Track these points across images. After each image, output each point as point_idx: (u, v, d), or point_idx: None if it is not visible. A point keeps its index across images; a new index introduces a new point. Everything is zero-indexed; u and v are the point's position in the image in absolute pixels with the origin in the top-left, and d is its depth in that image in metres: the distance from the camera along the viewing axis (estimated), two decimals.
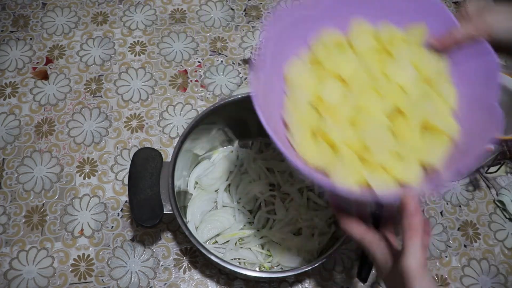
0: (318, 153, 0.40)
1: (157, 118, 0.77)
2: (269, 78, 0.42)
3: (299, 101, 0.43)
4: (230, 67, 0.83)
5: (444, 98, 0.43)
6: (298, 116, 0.42)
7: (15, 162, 0.72)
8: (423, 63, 0.44)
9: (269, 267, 0.63)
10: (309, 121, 0.42)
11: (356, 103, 0.42)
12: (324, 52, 0.45)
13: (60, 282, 0.63)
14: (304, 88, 0.43)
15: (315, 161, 0.39)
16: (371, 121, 0.41)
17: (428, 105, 0.42)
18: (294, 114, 0.42)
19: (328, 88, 0.42)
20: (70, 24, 0.86)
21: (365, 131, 0.40)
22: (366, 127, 0.40)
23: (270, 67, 0.43)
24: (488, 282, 0.67)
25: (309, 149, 0.40)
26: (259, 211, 0.66)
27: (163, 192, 0.56)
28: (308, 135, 0.41)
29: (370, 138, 0.39)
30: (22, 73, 0.80)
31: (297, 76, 0.44)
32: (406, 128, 0.41)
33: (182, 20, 0.88)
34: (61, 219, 0.68)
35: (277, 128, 0.40)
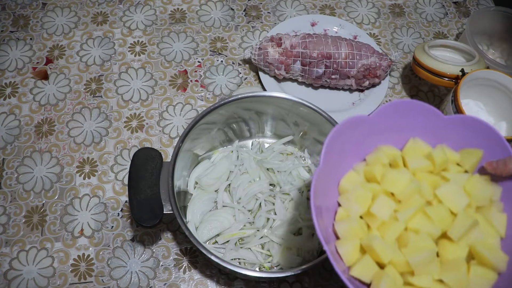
0: (364, 266, 0.41)
1: (157, 118, 0.77)
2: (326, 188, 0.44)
3: (351, 213, 0.45)
4: (230, 67, 0.83)
5: (494, 227, 0.44)
6: (349, 227, 0.43)
7: (15, 162, 0.72)
8: (476, 189, 0.45)
9: (269, 267, 0.63)
10: (359, 234, 0.43)
11: (406, 223, 0.44)
12: (379, 168, 0.46)
13: (60, 282, 0.63)
14: (357, 201, 0.45)
15: (358, 274, 0.41)
16: (419, 245, 0.42)
17: (477, 234, 0.43)
18: (346, 225, 0.44)
19: (380, 205, 0.44)
20: (70, 24, 0.86)
21: (412, 254, 0.41)
22: (413, 250, 0.42)
23: (328, 178, 0.45)
24: None
25: (355, 261, 0.42)
26: (259, 211, 0.66)
27: (163, 192, 0.56)
28: (357, 248, 0.43)
29: (416, 262, 0.41)
30: (22, 73, 0.80)
31: (352, 189, 0.46)
32: (452, 255, 0.42)
33: (182, 20, 0.88)
34: (61, 219, 0.68)
35: (327, 235, 0.42)
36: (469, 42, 0.76)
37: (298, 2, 0.92)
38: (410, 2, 0.95)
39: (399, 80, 0.85)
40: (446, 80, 0.73)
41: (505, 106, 0.69)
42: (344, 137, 0.46)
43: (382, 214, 0.44)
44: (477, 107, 0.72)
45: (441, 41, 0.78)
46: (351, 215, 0.45)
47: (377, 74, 0.77)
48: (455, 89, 0.66)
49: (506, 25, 0.81)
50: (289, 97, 0.63)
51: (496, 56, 0.84)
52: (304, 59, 0.75)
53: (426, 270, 0.41)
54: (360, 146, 0.48)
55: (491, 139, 0.47)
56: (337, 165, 0.46)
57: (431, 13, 0.94)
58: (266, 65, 0.77)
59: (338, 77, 0.77)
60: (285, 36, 0.77)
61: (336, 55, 0.75)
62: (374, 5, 0.94)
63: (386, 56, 0.78)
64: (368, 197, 0.45)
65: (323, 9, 0.92)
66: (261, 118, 0.70)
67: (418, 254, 0.41)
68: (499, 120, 0.71)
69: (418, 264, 0.41)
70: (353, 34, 0.86)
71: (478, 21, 0.80)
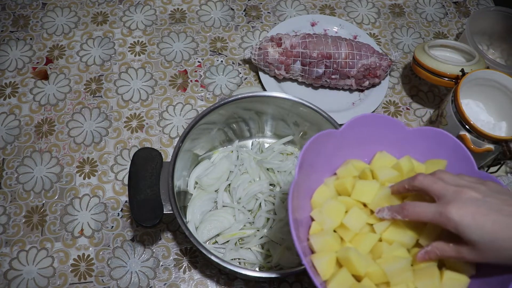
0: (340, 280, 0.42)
1: (157, 118, 0.77)
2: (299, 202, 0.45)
3: (325, 227, 0.45)
4: (230, 67, 0.83)
5: None
6: (323, 241, 0.44)
7: (15, 162, 0.72)
8: None
9: (269, 267, 0.63)
10: (333, 247, 0.44)
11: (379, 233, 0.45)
12: (350, 180, 0.48)
13: (60, 282, 0.63)
14: (329, 214, 0.46)
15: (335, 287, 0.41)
16: (393, 254, 0.43)
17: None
18: (320, 239, 0.44)
19: (353, 217, 0.45)
20: (70, 24, 0.86)
21: (387, 264, 0.42)
22: (388, 260, 0.42)
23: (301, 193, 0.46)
24: None
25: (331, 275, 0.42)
26: (259, 211, 0.66)
27: (163, 192, 0.56)
28: (333, 261, 0.43)
29: (392, 272, 0.41)
30: (22, 73, 0.80)
31: (324, 203, 0.47)
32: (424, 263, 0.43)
33: (182, 20, 0.88)
34: (61, 219, 0.68)
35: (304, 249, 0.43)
36: (469, 42, 0.76)
37: (298, 2, 0.92)
38: (410, 2, 0.95)
39: (399, 80, 0.85)
40: (446, 80, 0.73)
41: (505, 106, 0.69)
42: (315, 151, 0.46)
43: (355, 226, 0.45)
44: (477, 107, 0.72)
45: (441, 41, 0.78)
46: (325, 228, 0.45)
47: (377, 74, 0.77)
48: (455, 89, 0.66)
49: (506, 25, 0.81)
50: (289, 97, 0.63)
51: (496, 56, 0.84)
52: (304, 59, 0.75)
53: (401, 279, 0.41)
54: (330, 160, 0.50)
55: (455, 150, 0.49)
56: (309, 180, 0.47)
57: (431, 13, 0.94)
58: (266, 65, 0.77)
59: (338, 77, 0.77)
60: (285, 36, 0.77)
61: (336, 55, 0.75)
62: (374, 5, 0.94)
63: (386, 56, 0.78)
64: (340, 210, 0.46)
65: (323, 9, 0.92)
66: (261, 118, 0.70)
67: (394, 264, 0.42)
68: (499, 120, 0.71)
69: (394, 274, 0.41)
70: (353, 34, 0.86)
71: (478, 21, 0.80)
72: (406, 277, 0.41)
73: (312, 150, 0.46)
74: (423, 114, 0.81)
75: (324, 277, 0.42)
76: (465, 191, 0.39)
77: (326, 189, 0.48)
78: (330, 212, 0.45)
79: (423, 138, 0.50)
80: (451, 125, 0.66)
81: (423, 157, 0.50)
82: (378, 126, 0.50)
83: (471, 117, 0.64)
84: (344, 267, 0.42)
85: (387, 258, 0.43)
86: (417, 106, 0.82)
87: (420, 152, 0.50)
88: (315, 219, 0.46)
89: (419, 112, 0.82)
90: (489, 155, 0.68)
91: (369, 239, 0.44)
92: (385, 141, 0.50)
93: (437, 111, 0.72)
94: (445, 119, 0.68)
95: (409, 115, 0.81)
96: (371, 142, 0.51)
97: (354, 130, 0.49)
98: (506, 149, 0.63)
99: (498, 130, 0.69)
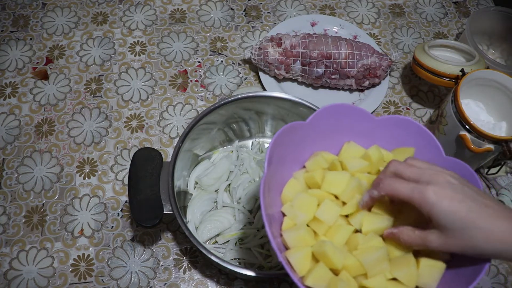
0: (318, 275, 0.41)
1: (157, 118, 0.77)
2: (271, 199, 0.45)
3: (297, 221, 0.45)
4: (230, 67, 0.83)
5: None
6: (297, 236, 0.43)
7: (15, 162, 0.72)
8: None
9: (269, 267, 0.63)
10: (308, 242, 0.43)
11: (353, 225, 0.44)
12: (319, 172, 0.47)
13: (60, 282, 0.63)
14: (301, 209, 0.45)
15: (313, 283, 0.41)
16: (369, 245, 0.43)
17: None
18: (293, 234, 0.43)
19: (325, 209, 0.44)
20: (70, 24, 0.86)
21: (364, 255, 0.42)
22: (365, 251, 0.42)
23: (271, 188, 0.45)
24: (488, 282, 0.67)
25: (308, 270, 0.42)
26: (259, 211, 0.66)
27: (163, 192, 0.56)
28: (308, 256, 0.42)
29: (369, 263, 0.41)
30: (22, 73, 0.80)
31: (294, 197, 0.46)
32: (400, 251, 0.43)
33: (182, 20, 0.88)
34: (61, 219, 0.68)
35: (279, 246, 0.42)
36: (469, 42, 0.76)
37: (298, 2, 0.92)
38: (410, 2, 0.95)
39: (399, 80, 0.85)
40: (446, 80, 0.73)
41: (505, 106, 0.69)
42: (284, 145, 0.46)
43: (328, 219, 0.44)
44: (477, 107, 0.72)
45: (441, 41, 0.78)
46: (297, 223, 0.45)
47: (377, 74, 0.77)
48: (455, 89, 0.66)
49: (506, 25, 0.81)
50: (289, 97, 0.63)
51: (496, 56, 0.84)
52: (304, 59, 0.75)
53: (379, 269, 0.41)
54: (299, 153, 0.49)
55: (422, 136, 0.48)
56: (279, 174, 0.46)
57: (431, 13, 0.94)
58: (266, 65, 0.77)
59: (338, 77, 0.77)
60: (285, 36, 0.77)
61: (336, 55, 0.75)
62: (374, 5, 0.94)
63: (386, 56, 0.78)
64: (312, 203, 0.45)
65: (323, 9, 0.92)
66: (261, 118, 0.70)
67: (370, 254, 0.41)
68: (499, 120, 0.71)
69: (371, 265, 0.41)
70: (353, 34, 0.86)
71: (478, 21, 0.80)
72: (383, 267, 0.41)
73: (280, 143, 0.45)
74: (423, 114, 0.81)
75: (301, 273, 0.41)
76: (443, 175, 0.39)
77: (296, 182, 0.47)
78: (301, 206, 0.45)
79: (391, 126, 0.49)
80: (451, 125, 0.66)
81: (391, 145, 0.50)
82: (345, 116, 0.49)
83: (471, 117, 0.64)
84: (320, 262, 0.41)
85: (363, 249, 0.42)
86: (417, 106, 0.82)
87: (388, 140, 0.50)
88: (286, 214, 0.45)
89: (419, 112, 0.82)
90: (489, 155, 0.68)
91: (343, 231, 0.43)
92: (353, 131, 0.50)
93: (437, 111, 0.72)
94: (445, 119, 0.68)
95: (409, 115, 0.81)
96: (339, 132, 0.50)
97: (321, 121, 0.48)
98: (506, 149, 0.63)
99: (498, 130, 0.69)
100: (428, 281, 0.42)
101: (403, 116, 0.50)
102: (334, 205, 0.45)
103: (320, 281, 0.41)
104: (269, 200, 0.44)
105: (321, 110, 0.48)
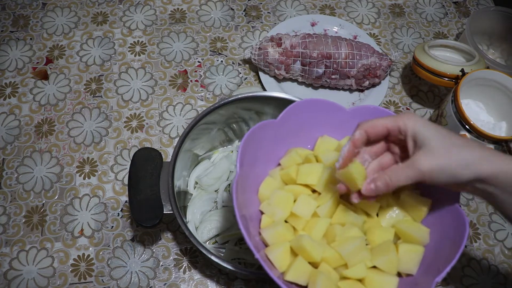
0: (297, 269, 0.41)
1: (157, 118, 0.77)
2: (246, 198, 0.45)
3: (275, 218, 0.45)
4: (230, 67, 0.83)
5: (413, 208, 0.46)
6: (275, 232, 0.44)
7: (15, 162, 0.72)
8: None
9: None
10: (286, 237, 0.44)
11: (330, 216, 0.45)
12: (294, 168, 0.47)
13: (60, 282, 0.63)
14: (279, 205, 0.45)
15: (294, 278, 0.41)
16: (347, 235, 0.43)
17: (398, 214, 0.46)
18: (272, 231, 0.44)
19: (302, 204, 0.45)
20: (70, 24, 0.86)
21: (343, 246, 0.42)
22: (343, 242, 0.42)
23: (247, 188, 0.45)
24: (488, 282, 0.67)
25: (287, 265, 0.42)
26: None
27: (163, 192, 0.56)
28: (287, 252, 0.43)
29: (347, 253, 0.41)
30: (22, 73, 0.80)
31: (271, 195, 0.46)
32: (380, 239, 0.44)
33: (182, 20, 0.88)
34: (61, 219, 0.68)
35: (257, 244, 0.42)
36: (469, 42, 0.76)
37: (298, 2, 0.92)
38: (410, 2, 0.95)
39: (399, 80, 0.85)
40: (446, 80, 0.73)
41: (505, 106, 0.69)
42: (255, 145, 0.46)
43: (305, 213, 0.44)
44: (477, 107, 0.72)
45: (441, 41, 0.78)
46: (275, 220, 0.45)
47: (377, 74, 0.77)
48: (455, 89, 0.66)
49: (506, 25, 0.81)
50: (289, 97, 0.63)
51: (496, 56, 0.84)
52: (304, 59, 0.75)
53: (358, 259, 0.41)
54: (273, 151, 0.49)
55: None
56: (253, 175, 0.47)
57: (431, 13, 0.94)
58: (266, 65, 0.77)
59: (338, 77, 0.77)
60: (285, 36, 0.77)
61: (336, 55, 0.75)
62: (374, 5, 0.94)
63: (386, 56, 0.78)
64: (289, 199, 0.45)
65: (323, 9, 0.92)
66: (261, 118, 0.70)
67: (349, 245, 0.42)
68: (499, 120, 0.71)
69: (350, 255, 0.41)
70: (353, 34, 0.86)
71: (478, 21, 0.80)
72: (362, 256, 0.41)
73: (251, 143, 0.45)
74: (423, 114, 0.81)
75: (281, 269, 0.41)
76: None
77: (272, 180, 0.48)
78: (278, 203, 0.45)
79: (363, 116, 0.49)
80: (451, 125, 0.66)
81: None
82: (317, 111, 0.49)
83: (471, 117, 0.64)
84: (299, 256, 0.42)
85: (341, 241, 0.43)
86: (417, 106, 0.82)
87: None
88: (264, 212, 0.46)
89: (419, 112, 0.82)
90: None
91: (321, 224, 0.44)
92: (326, 125, 0.50)
93: (437, 111, 0.73)
94: (445, 119, 0.68)
95: None
96: (312, 127, 0.50)
97: (293, 118, 0.49)
98: (506, 149, 0.63)
99: (498, 130, 0.69)
100: (408, 266, 0.42)
101: (373, 106, 0.50)
102: (310, 199, 0.45)
103: (300, 275, 0.41)
104: (244, 200, 0.44)
105: (290, 107, 0.48)
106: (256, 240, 0.43)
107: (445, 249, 0.42)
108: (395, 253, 0.42)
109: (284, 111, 0.48)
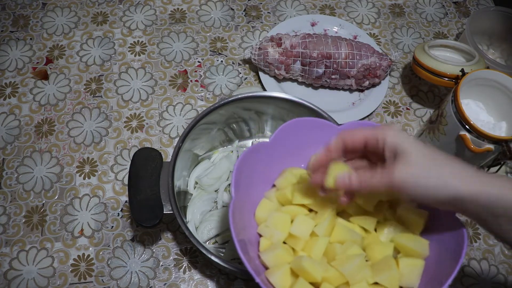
0: None
1: (157, 118, 0.77)
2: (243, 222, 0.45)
3: (274, 240, 0.45)
4: (230, 67, 0.83)
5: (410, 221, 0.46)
6: (274, 255, 0.43)
7: (15, 162, 0.72)
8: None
9: None
10: (286, 259, 0.43)
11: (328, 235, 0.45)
12: (290, 189, 0.47)
13: (60, 282, 0.63)
14: (276, 227, 0.45)
15: None
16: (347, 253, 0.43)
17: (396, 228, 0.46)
18: (271, 254, 0.44)
19: (299, 225, 0.45)
20: (70, 24, 0.86)
21: (343, 265, 0.42)
22: (344, 260, 0.42)
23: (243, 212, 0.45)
24: (488, 282, 0.67)
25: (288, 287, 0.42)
26: None
27: (163, 192, 0.56)
28: (287, 274, 0.42)
29: (349, 271, 0.41)
30: (22, 73, 0.80)
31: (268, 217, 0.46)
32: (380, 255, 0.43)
33: (182, 20, 0.88)
34: (61, 219, 0.68)
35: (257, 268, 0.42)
36: (469, 42, 0.76)
37: (298, 2, 0.92)
38: (410, 2, 0.95)
39: (399, 80, 0.85)
40: (446, 80, 0.73)
41: (505, 106, 0.69)
42: (249, 168, 0.46)
43: (303, 234, 0.44)
44: (477, 107, 0.72)
45: (441, 41, 0.78)
46: (274, 242, 0.45)
47: (377, 74, 0.77)
48: (455, 89, 0.66)
49: (506, 25, 0.81)
50: (289, 97, 0.63)
51: (496, 56, 0.84)
52: (304, 59, 0.75)
53: (360, 277, 0.41)
54: (267, 173, 0.49)
55: None
56: (249, 197, 0.47)
57: (431, 13, 0.94)
58: (266, 65, 0.77)
59: (338, 77, 0.77)
60: (285, 36, 0.77)
61: (336, 55, 0.75)
62: (374, 5, 0.94)
63: (386, 56, 0.78)
64: (286, 220, 0.45)
65: (323, 9, 0.92)
66: (261, 118, 0.70)
67: (350, 263, 0.42)
68: (499, 120, 0.70)
69: (351, 273, 0.41)
70: (353, 34, 0.86)
71: (478, 21, 0.80)
72: (364, 274, 0.41)
73: (245, 166, 0.45)
74: (423, 114, 0.81)
75: None
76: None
77: (268, 202, 0.48)
78: (276, 225, 0.45)
79: None
80: (451, 125, 0.66)
81: None
82: (309, 130, 0.50)
83: (471, 117, 0.64)
84: (300, 277, 0.41)
85: (341, 259, 0.42)
86: (417, 106, 0.82)
87: None
88: (262, 235, 0.46)
89: (419, 112, 0.82)
90: (489, 155, 0.68)
91: (320, 243, 0.44)
92: (318, 143, 0.49)
93: (437, 111, 0.72)
94: (445, 119, 0.68)
95: (409, 115, 0.81)
96: (305, 146, 0.50)
97: (285, 138, 0.49)
98: (506, 149, 0.63)
99: (498, 130, 0.69)
100: (410, 281, 0.42)
101: (365, 121, 0.50)
102: (308, 219, 0.45)
103: None
104: (242, 224, 0.44)
105: (281, 128, 0.48)
106: (256, 264, 0.43)
107: (446, 261, 0.42)
108: (396, 269, 0.42)
109: (275, 132, 0.48)
